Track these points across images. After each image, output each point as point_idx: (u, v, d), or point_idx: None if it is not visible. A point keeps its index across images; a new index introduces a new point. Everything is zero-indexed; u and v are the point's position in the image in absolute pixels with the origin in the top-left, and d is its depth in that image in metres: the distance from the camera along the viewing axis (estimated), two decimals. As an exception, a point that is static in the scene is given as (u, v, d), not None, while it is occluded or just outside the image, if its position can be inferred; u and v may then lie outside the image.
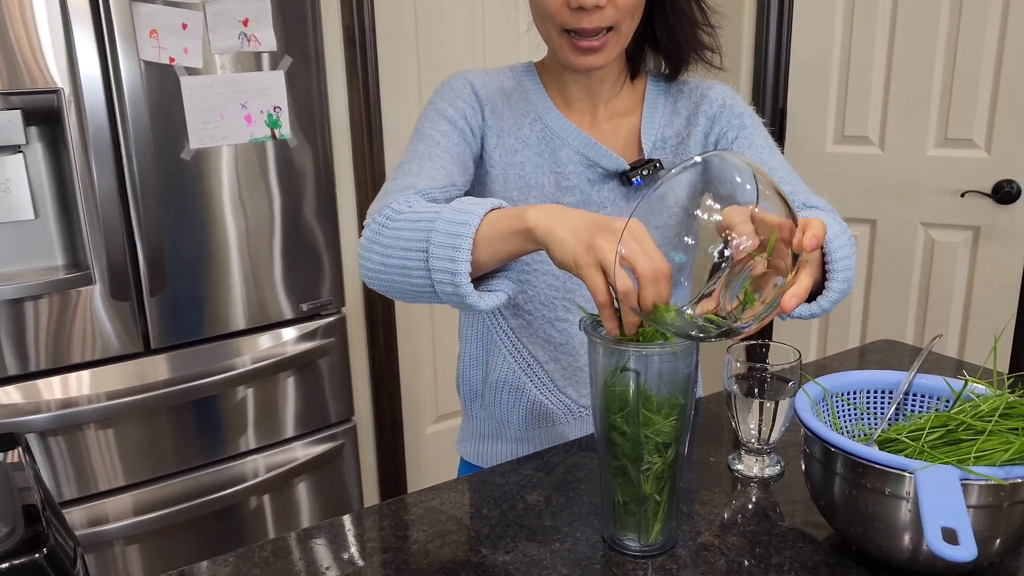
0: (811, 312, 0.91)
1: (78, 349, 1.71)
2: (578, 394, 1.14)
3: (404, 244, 0.87)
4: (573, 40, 0.99)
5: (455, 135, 1.04)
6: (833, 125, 2.44)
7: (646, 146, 1.09)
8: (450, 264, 0.82)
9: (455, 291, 0.83)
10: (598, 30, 0.97)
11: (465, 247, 0.82)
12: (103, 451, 1.77)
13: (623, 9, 0.97)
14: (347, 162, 2.20)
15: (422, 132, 1.05)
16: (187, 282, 1.80)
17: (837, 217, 0.98)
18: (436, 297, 0.86)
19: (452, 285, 0.83)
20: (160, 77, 1.68)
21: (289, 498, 2.04)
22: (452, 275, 0.82)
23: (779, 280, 0.72)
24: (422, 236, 0.85)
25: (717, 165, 0.72)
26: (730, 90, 1.12)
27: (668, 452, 0.80)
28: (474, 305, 0.84)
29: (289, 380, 1.98)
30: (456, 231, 0.83)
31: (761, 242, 0.70)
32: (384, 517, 0.92)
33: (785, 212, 0.70)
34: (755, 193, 0.71)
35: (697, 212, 0.71)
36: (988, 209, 2.23)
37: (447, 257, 0.82)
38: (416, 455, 2.58)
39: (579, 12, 0.96)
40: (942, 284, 2.34)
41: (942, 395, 0.89)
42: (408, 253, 0.86)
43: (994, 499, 0.72)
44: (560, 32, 0.99)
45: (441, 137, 1.03)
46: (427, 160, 1.00)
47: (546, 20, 0.99)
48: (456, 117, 1.06)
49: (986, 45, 2.15)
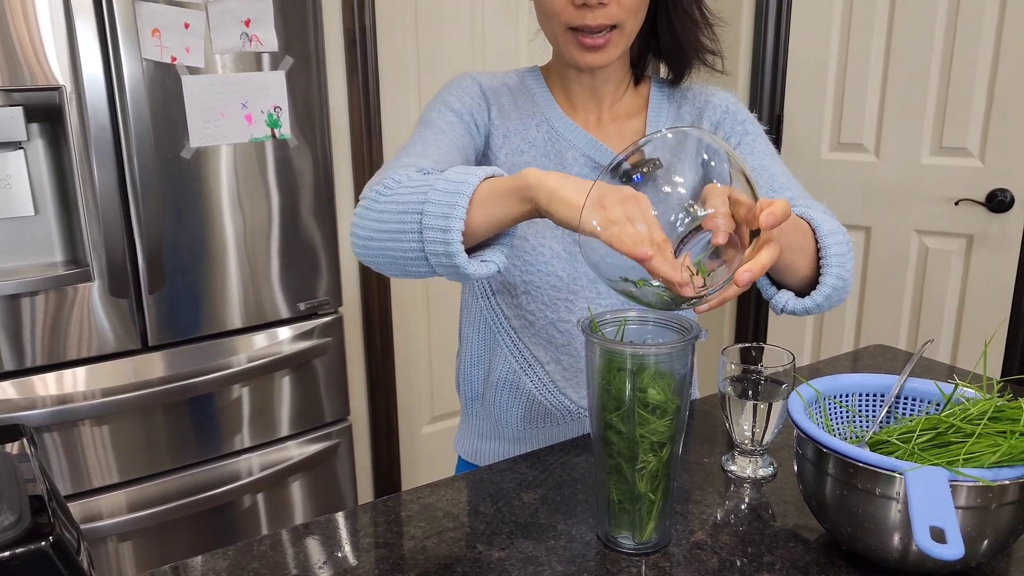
0: (804, 307, 0.93)
1: (75, 345, 1.72)
2: (578, 395, 1.15)
3: (400, 208, 0.85)
4: (578, 37, 1.00)
5: (461, 127, 1.05)
6: (829, 132, 2.46)
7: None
8: (444, 222, 0.80)
9: (446, 251, 0.81)
10: (602, 27, 0.99)
11: (461, 204, 0.80)
12: (98, 448, 1.77)
13: (627, 7, 0.98)
14: (346, 163, 2.21)
15: (428, 120, 1.05)
16: (186, 280, 1.80)
17: (835, 219, 1.00)
18: (426, 263, 0.84)
19: (443, 244, 0.80)
20: (162, 76, 1.69)
21: (283, 497, 2.05)
22: (444, 232, 0.80)
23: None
24: (418, 199, 0.83)
25: (696, 137, 0.74)
26: (733, 97, 1.14)
27: (663, 451, 0.81)
28: (463, 269, 0.81)
29: (285, 379, 1.98)
30: (453, 189, 0.81)
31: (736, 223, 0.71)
32: (381, 513, 0.93)
33: (749, 191, 0.72)
34: (727, 174, 0.72)
35: (676, 185, 0.72)
36: (981, 217, 2.25)
37: (441, 215, 0.80)
38: (411, 456, 2.59)
39: (583, 9, 0.97)
40: (935, 291, 2.36)
41: (933, 399, 0.91)
42: (403, 216, 0.84)
43: (982, 500, 0.73)
44: (565, 29, 1.01)
45: (447, 127, 1.04)
46: (432, 144, 1.00)
47: (551, 18, 1.01)
48: (463, 111, 1.07)
49: (981, 55, 2.17)
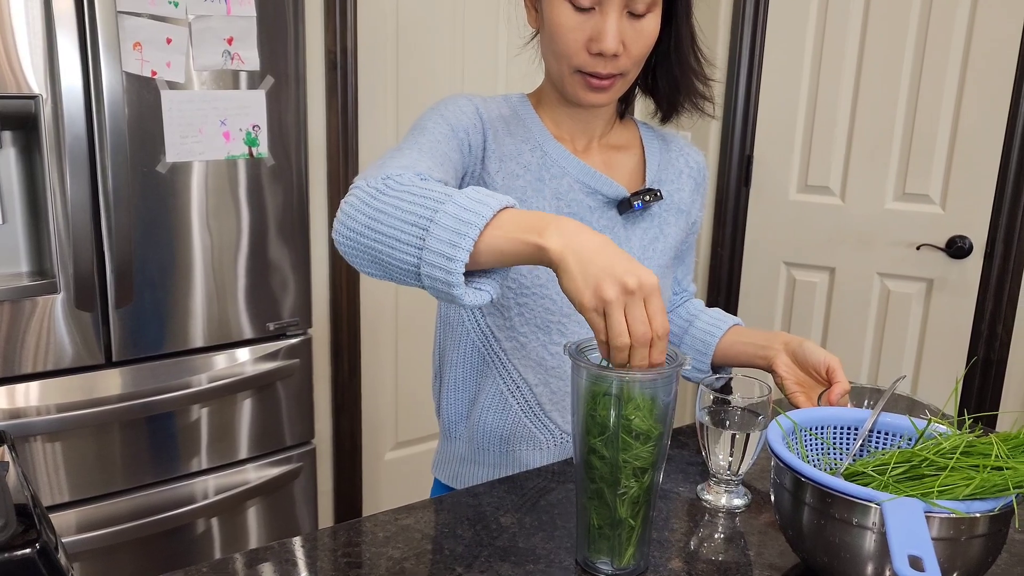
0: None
1: (31, 358, 1.68)
2: (563, 419, 1.15)
3: (402, 215, 0.81)
4: (586, 78, 1.03)
5: (454, 142, 1.04)
6: (797, 174, 2.52)
7: (649, 179, 1.17)
8: (450, 249, 0.78)
9: (445, 278, 0.78)
10: (611, 75, 1.02)
11: (471, 236, 0.78)
12: (49, 465, 1.72)
13: (634, 59, 1.02)
14: (322, 184, 2.21)
15: (423, 127, 1.03)
16: (155, 295, 1.78)
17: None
18: (416, 278, 0.81)
19: (444, 271, 0.78)
20: (141, 89, 1.67)
21: (240, 521, 2.01)
22: (448, 261, 0.78)
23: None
24: (425, 214, 0.80)
25: None
26: (705, 164, 1.25)
27: (644, 477, 0.82)
28: (459, 299, 0.79)
29: (248, 400, 1.95)
30: (465, 218, 0.78)
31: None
32: (359, 534, 0.92)
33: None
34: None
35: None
36: (941, 263, 2.32)
37: (448, 241, 0.78)
38: (373, 481, 2.56)
39: (597, 57, 1.00)
40: (897, 332, 2.42)
41: (904, 433, 0.93)
42: (404, 225, 0.81)
43: (954, 532, 0.75)
44: (573, 71, 1.03)
45: (442, 138, 1.02)
46: (427, 152, 0.98)
47: (561, 59, 1.03)
48: (458, 128, 1.05)
49: (944, 107, 2.26)
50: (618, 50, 0.99)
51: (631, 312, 0.76)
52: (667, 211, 1.18)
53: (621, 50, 1.00)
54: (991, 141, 2.20)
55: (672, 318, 1.26)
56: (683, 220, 1.20)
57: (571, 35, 1.00)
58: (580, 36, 1.00)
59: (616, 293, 0.75)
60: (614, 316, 0.76)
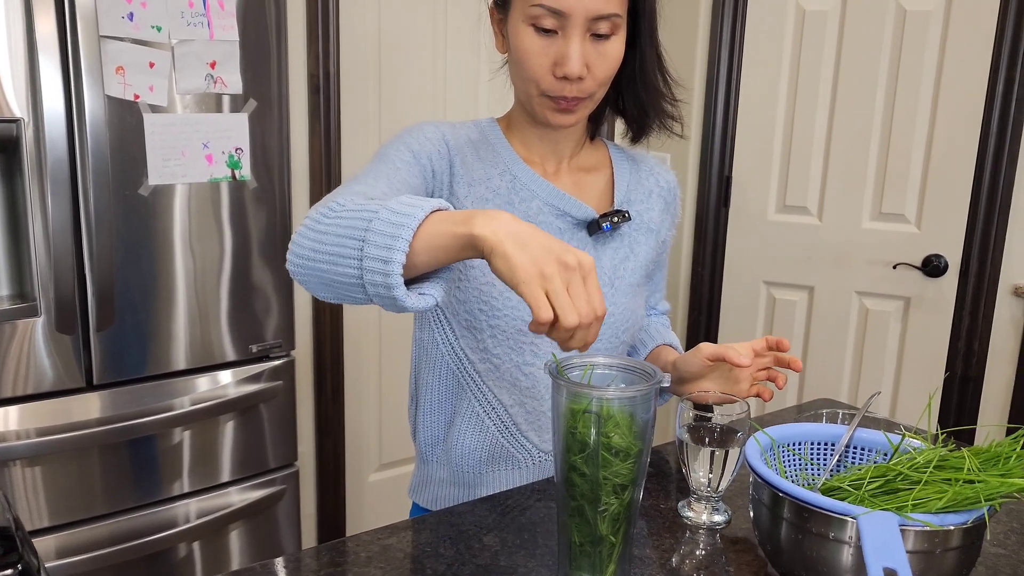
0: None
1: (10, 382, 1.66)
2: (539, 439, 1.16)
3: (341, 232, 0.83)
4: (553, 100, 1.05)
5: (416, 168, 1.05)
6: (775, 195, 2.55)
7: (618, 200, 1.18)
8: (385, 253, 0.78)
9: (384, 282, 0.79)
10: (577, 98, 1.04)
11: (404, 237, 0.78)
12: (28, 489, 1.71)
13: (599, 81, 1.04)
14: (304, 206, 2.22)
15: (385, 155, 1.05)
16: (136, 318, 1.77)
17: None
18: (362, 290, 0.82)
19: (382, 275, 0.79)
20: (123, 113, 1.68)
21: (221, 544, 1.99)
22: (385, 264, 0.78)
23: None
24: (361, 226, 0.81)
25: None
26: (677, 184, 1.26)
27: (625, 494, 0.83)
28: (401, 301, 0.80)
29: (231, 423, 1.95)
30: (398, 220, 0.79)
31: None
32: (341, 554, 0.92)
33: None
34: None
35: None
36: (918, 281, 2.35)
37: (384, 245, 0.79)
38: (357, 503, 2.55)
39: (563, 81, 1.02)
40: (875, 349, 2.45)
41: (880, 448, 0.95)
42: (343, 240, 0.82)
43: (929, 545, 0.76)
44: (540, 94, 1.05)
45: (403, 164, 1.04)
46: (383, 179, 0.99)
47: (528, 82, 1.05)
48: (421, 154, 1.07)
49: (918, 129, 2.30)
50: (582, 73, 1.01)
51: (573, 289, 0.76)
52: (637, 231, 1.19)
53: (585, 73, 1.01)
54: (964, 161, 2.25)
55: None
56: (653, 239, 1.21)
57: (535, 59, 1.02)
58: (544, 60, 1.02)
59: (556, 268, 0.76)
60: (559, 292, 0.75)
